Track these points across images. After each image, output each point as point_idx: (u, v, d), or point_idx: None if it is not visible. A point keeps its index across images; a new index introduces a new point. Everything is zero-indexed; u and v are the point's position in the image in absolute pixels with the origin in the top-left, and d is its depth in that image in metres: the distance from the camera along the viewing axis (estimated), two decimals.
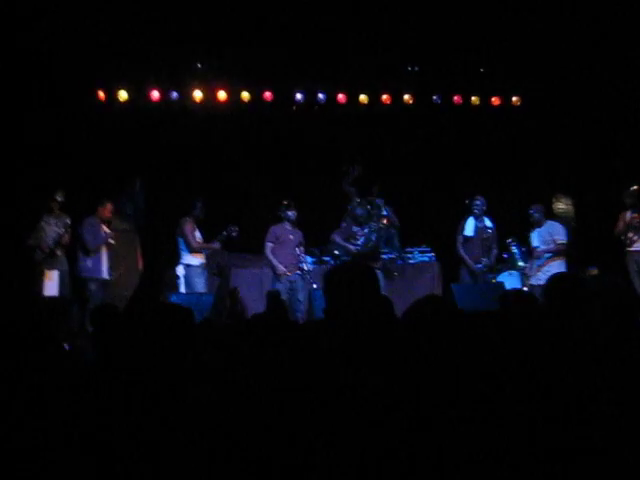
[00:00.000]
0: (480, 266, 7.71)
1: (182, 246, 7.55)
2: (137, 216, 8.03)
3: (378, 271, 7.66)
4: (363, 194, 7.94)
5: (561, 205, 8.82)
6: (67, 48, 7.64)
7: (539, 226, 7.63)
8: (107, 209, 7.59)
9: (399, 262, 8.85)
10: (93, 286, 7.34)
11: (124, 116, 8.63)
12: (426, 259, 8.91)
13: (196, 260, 7.55)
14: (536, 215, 7.64)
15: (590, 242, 8.31)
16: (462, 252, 7.82)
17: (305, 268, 7.54)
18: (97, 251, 7.44)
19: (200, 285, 7.41)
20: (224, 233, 7.51)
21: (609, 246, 7.77)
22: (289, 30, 7.96)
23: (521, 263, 7.98)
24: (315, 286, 7.35)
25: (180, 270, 7.51)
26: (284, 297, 6.93)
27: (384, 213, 7.77)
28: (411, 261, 8.93)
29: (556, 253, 7.46)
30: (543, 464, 1.85)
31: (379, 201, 7.77)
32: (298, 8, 7.59)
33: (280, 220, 7.65)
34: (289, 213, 7.61)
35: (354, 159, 8.22)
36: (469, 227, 7.80)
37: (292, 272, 7.43)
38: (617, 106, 8.56)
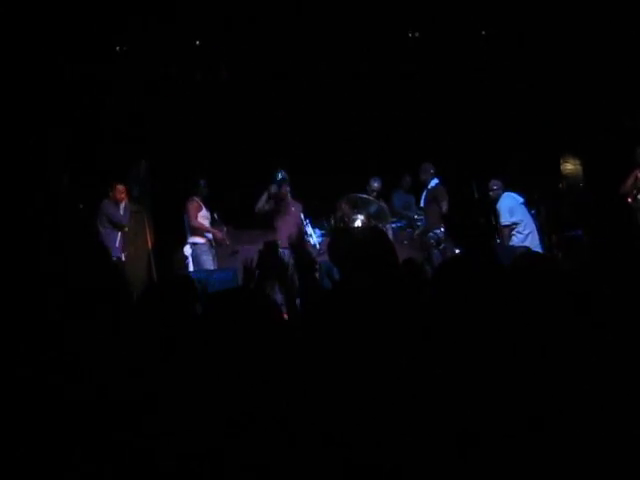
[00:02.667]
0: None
1: (188, 225, 7.57)
2: (143, 198, 8.04)
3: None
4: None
5: (569, 165, 8.74)
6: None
7: (496, 202, 7.71)
8: (119, 191, 7.60)
9: (409, 231, 8.81)
10: None
11: (127, 98, 8.61)
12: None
13: (201, 238, 7.57)
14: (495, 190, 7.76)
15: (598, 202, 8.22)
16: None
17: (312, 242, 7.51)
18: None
19: (208, 262, 7.41)
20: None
21: (617, 205, 7.69)
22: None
23: None
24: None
25: (187, 249, 7.54)
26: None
27: None
28: None
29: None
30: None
31: None
32: None
33: None
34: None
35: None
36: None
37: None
38: (627, 64, 8.39)
